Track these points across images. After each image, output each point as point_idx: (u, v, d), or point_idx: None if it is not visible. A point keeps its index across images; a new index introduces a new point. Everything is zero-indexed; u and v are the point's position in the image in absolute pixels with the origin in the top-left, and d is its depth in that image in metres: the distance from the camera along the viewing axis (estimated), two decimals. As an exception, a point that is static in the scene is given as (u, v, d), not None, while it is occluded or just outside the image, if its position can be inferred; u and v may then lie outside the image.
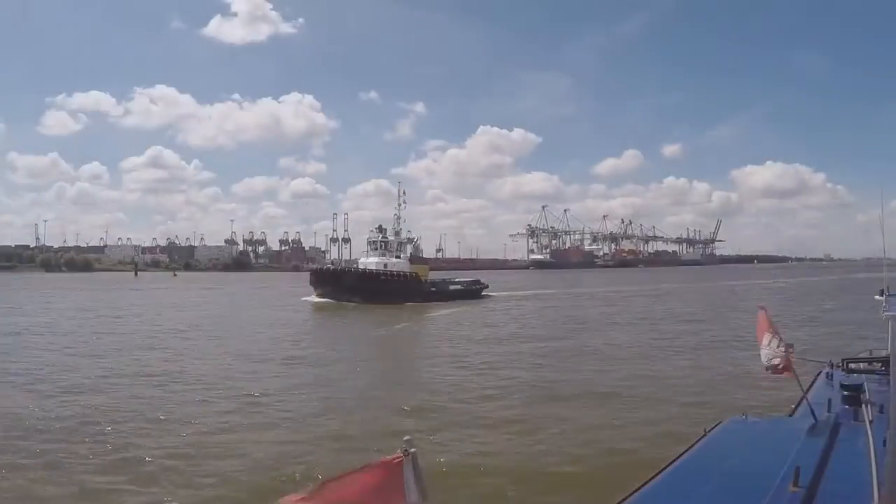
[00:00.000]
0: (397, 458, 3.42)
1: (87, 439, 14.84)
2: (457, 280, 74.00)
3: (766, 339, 6.69)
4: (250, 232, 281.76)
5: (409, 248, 67.26)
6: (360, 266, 66.14)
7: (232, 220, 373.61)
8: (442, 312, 52.14)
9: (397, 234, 67.85)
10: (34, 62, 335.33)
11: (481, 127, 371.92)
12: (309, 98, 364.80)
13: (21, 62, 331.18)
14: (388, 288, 61.80)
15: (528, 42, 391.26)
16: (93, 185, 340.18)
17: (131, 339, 34.87)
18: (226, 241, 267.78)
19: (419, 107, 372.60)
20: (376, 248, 66.71)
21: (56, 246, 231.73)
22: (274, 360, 27.53)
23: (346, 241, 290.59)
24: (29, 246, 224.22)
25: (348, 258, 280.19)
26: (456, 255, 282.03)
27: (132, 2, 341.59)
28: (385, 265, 64.47)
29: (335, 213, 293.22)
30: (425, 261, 68.65)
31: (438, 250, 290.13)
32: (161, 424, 16.30)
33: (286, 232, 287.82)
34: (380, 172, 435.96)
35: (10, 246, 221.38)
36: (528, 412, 17.57)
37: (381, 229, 67.82)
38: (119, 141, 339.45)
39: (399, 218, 68.70)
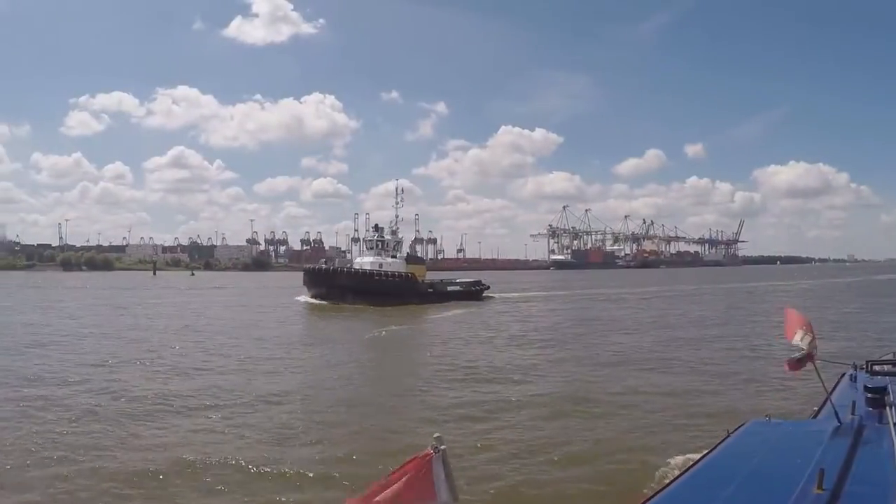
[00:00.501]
0: (427, 455, 3.42)
1: None
2: (456, 281, 70.78)
3: (798, 335, 6.23)
4: (272, 232, 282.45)
5: (405, 248, 64.03)
6: (356, 266, 63.32)
7: (252, 220, 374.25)
8: (436, 315, 49.33)
9: (394, 233, 64.87)
10: (57, 64, 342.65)
11: (503, 127, 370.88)
12: (330, 98, 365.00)
13: (44, 64, 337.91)
14: (383, 288, 59.11)
15: (549, 41, 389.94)
16: (116, 184, 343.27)
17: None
18: (247, 241, 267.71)
19: (440, 107, 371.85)
20: (372, 248, 64.10)
21: (79, 245, 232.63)
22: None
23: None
24: (50, 245, 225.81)
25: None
26: (476, 256, 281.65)
27: (154, 3, 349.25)
28: (380, 265, 61.75)
29: (356, 213, 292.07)
30: (422, 261, 65.32)
31: (459, 250, 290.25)
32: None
33: (307, 232, 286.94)
34: (401, 172, 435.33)
35: (31, 245, 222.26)
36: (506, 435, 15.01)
37: (377, 228, 65.08)
38: (142, 141, 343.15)
39: (398, 217, 66.18)
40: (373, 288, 58.76)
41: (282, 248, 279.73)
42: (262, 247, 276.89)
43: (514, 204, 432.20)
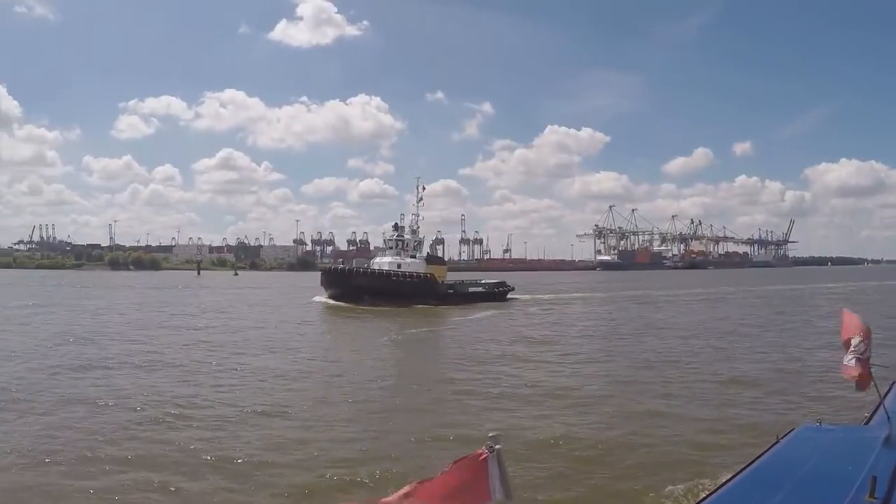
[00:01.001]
0: (482, 454, 3.38)
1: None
2: (478, 281, 67.87)
3: (854, 340, 6.01)
4: (318, 232, 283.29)
5: (425, 248, 61.58)
6: (375, 266, 61.00)
7: (297, 221, 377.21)
8: (457, 318, 46.86)
9: (414, 232, 62.21)
10: (107, 69, 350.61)
11: (549, 126, 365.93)
12: (376, 100, 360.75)
13: (94, 70, 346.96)
14: (401, 289, 56.86)
15: (594, 40, 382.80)
16: (165, 186, 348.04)
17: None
18: (294, 241, 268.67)
19: (486, 107, 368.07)
20: (391, 248, 61.69)
21: (128, 245, 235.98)
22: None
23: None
24: (100, 245, 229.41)
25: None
26: (522, 256, 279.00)
27: (200, 9, 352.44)
28: (399, 265, 59.29)
29: (402, 214, 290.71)
30: (442, 261, 62.76)
31: (506, 250, 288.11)
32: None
33: (354, 232, 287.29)
34: (448, 173, 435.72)
35: (80, 245, 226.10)
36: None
37: (397, 227, 62.56)
38: (190, 144, 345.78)
39: (419, 216, 63.42)
40: (390, 288, 56.70)
41: (328, 249, 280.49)
42: (309, 247, 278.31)
43: (561, 204, 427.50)
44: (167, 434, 15.01)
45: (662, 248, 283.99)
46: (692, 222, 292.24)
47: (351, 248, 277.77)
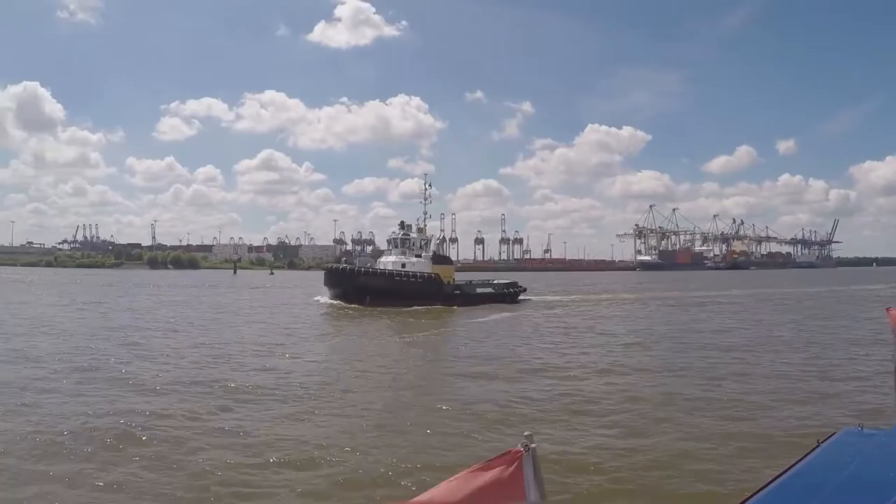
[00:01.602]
0: (517, 452, 3.39)
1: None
2: (488, 282, 64.43)
3: None
4: (358, 232, 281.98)
5: (432, 247, 58.77)
6: (380, 266, 58.45)
7: (335, 220, 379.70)
8: (462, 320, 44.20)
9: (420, 230, 59.65)
10: (148, 72, 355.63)
11: (589, 125, 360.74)
12: (416, 100, 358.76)
13: (136, 73, 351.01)
14: (404, 289, 54.06)
15: (634, 37, 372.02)
16: (208, 187, 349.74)
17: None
18: (334, 241, 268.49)
19: (526, 106, 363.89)
20: (396, 247, 59.07)
21: (170, 244, 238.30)
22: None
23: (454, 241, 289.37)
24: (140, 244, 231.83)
25: (455, 258, 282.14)
26: (562, 256, 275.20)
27: (239, 12, 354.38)
28: (403, 264, 56.61)
29: (442, 214, 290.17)
30: (449, 260, 59.82)
31: (546, 250, 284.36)
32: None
33: (394, 231, 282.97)
34: (488, 172, 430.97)
35: (121, 244, 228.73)
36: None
37: (402, 226, 59.86)
38: (232, 145, 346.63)
39: (426, 214, 61.16)
40: (393, 289, 54.02)
41: (368, 248, 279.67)
42: (349, 247, 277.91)
43: (602, 203, 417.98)
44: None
45: (704, 248, 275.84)
46: (734, 222, 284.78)
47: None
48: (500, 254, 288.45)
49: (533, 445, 3.35)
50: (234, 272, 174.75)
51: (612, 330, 38.52)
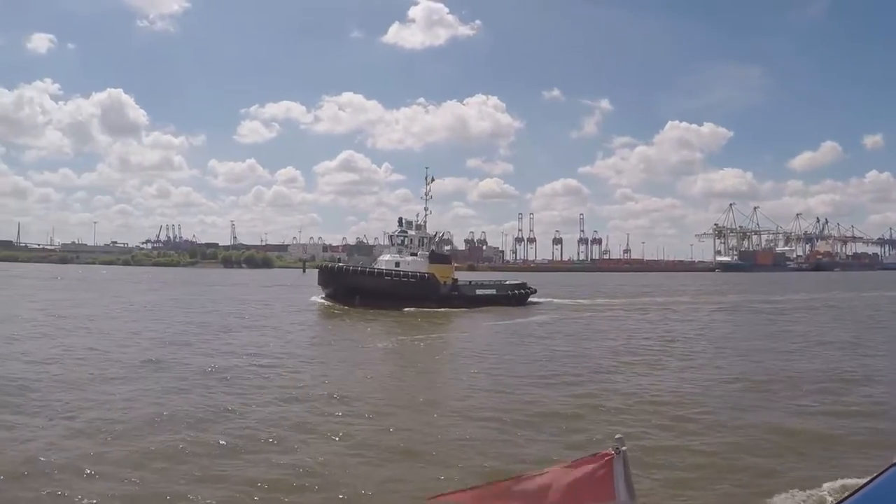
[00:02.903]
0: (608, 454, 3.42)
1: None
2: (491, 283, 58.59)
3: None
4: (437, 231, 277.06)
5: (429, 245, 53.51)
6: (379, 265, 53.88)
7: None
8: (443, 325, 39.55)
9: (419, 228, 54.70)
10: (229, 78, 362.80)
11: (669, 122, 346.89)
12: (493, 99, 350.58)
13: (215, 78, 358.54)
14: (396, 290, 49.45)
15: (714, 32, 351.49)
16: (288, 188, 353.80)
17: None
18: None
19: (604, 103, 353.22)
20: (393, 245, 54.58)
21: (250, 244, 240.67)
22: None
23: (531, 240, 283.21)
24: (217, 244, 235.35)
25: (532, 258, 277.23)
26: (640, 257, 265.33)
27: (313, 16, 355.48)
28: (397, 263, 51.97)
29: (520, 213, 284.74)
30: (447, 259, 54.30)
31: (626, 251, 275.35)
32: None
33: (472, 232, 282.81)
34: (567, 171, 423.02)
35: (200, 243, 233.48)
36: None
37: (401, 223, 55.08)
38: (311, 146, 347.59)
39: (427, 210, 56.01)
40: (383, 289, 49.53)
41: (446, 248, 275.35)
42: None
43: (683, 202, 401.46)
44: None
45: (786, 248, 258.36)
46: (818, 221, 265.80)
47: (468, 247, 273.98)
48: (578, 254, 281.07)
49: (624, 448, 3.41)
50: (304, 271, 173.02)
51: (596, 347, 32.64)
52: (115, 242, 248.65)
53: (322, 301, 53.18)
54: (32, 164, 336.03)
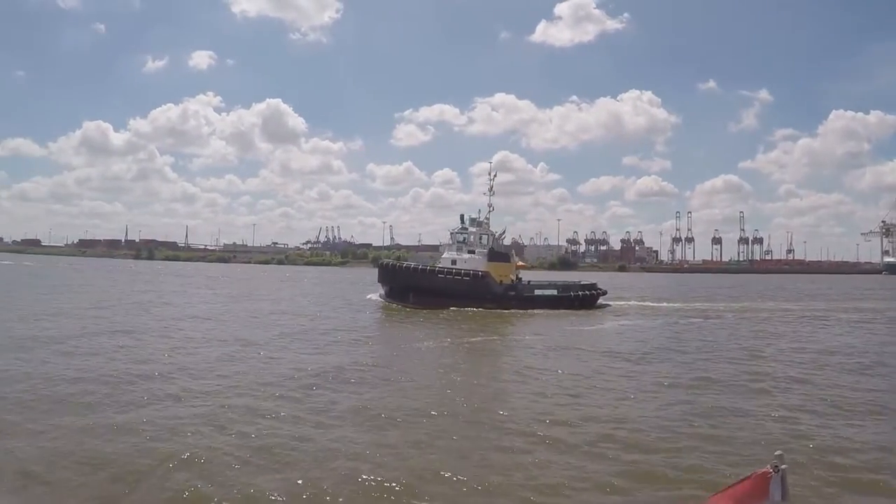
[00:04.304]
0: (766, 473, 3.36)
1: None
2: (555, 283, 53.70)
3: None
4: (592, 232, 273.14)
5: (488, 242, 50.09)
6: (440, 263, 51.28)
7: (559, 220, 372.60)
8: (481, 332, 35.41)
9: (479, 225, 51.35)
10: (382, 84, 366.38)
11: (833, 111, 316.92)
12: (647, 94, 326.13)
13: (370, 85, 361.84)
14: (448, 288, 47.05)
15: (880, 7, 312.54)
16: (445, 189, 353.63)
17: None
18: (567, 241, 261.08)
19: (763, 94, 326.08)
20: (454, 242, 51.60)
21: (408, 244, 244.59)
22: None
23: (689, 240, 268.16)
24: (370, 244, 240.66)
25: (690, 259, 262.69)
26: (802, 257, 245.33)
27: (460, 20, 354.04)
28: (453, 261, 49.41)
29: (678, 212, 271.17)
30: (506, 257, 50.36)
31: (789, 251, 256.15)
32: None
33: (628, 231, 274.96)
34: (727, 167, 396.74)
35: (355, 244, 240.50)
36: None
37: (462, 220, 52.09)
38: (465, 148, 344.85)
39: (490, 207, 52.57)
40: (435, 287, 47.23)
41: (602, 248, 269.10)
42: (583, 247, 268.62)
43: (851, 198, 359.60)
44: None
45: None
46: None
47: (624, 247, 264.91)
48: (738, 254, 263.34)
49: (783, 466, 3.36)
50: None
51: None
52: (276, 243, 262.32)
53: (377, 299, 52.04)
54: (199, 171, 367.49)
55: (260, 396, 16.89)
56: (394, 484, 10.75)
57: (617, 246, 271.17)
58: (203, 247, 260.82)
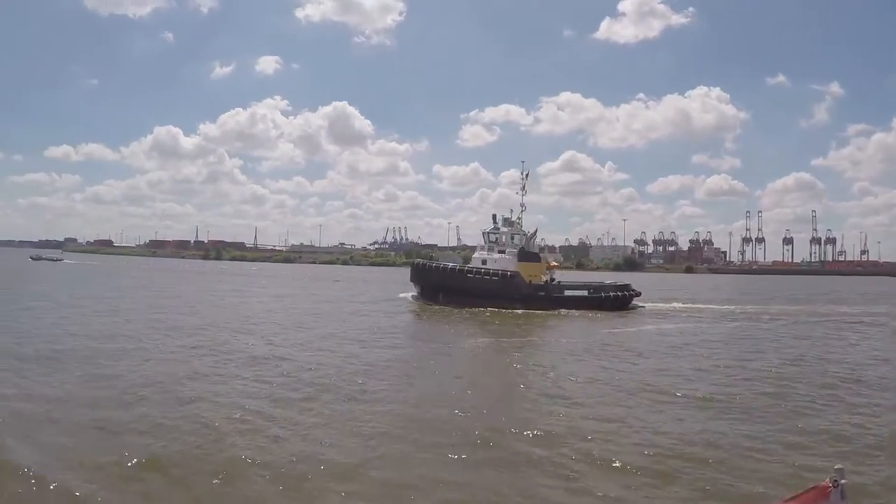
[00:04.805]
0: (826, 487, 3.24)
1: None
2: (586, 283, 51.96)
3: None
4: (660, 232, 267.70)
5: (520, 242, 48.43)
6: (473, 263, 50.37)
7: (625, 220, 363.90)
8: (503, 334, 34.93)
9: (511, 224, 49.97)
10: (446, 85, 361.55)
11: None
12: (716, 90, 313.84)
13: (435, 86, 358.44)
14: (476, 288, 46.15)
15: None
16: (512, 189, 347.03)
17: None
18: (634, 242, 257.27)
19: (834, 87, 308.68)
20: (485, 242, 50.36)
21: (473, 244, 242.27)
22: None
23: (760, 241, 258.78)
24: (436, 245, 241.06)
25: (760, 260, 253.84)
26: (877, 259, 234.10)
27: (524, 19, 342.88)
28: (484, 261, 48.36)
29: (748, 212, 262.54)
30: (536, 257, 48.56)
31: (863, 251, 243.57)
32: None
33: (697, 232, 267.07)
34: (799, 165, 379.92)
35: (419, 244, 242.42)
36: None
37: (495, 219, 50.81)
38: (532, 148, 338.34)
39: (522, 207, 51.10)
40: (464, 287, 46.42)
41: (670, 249, 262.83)
42: (650, 247, 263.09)
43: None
44: None
45: None
46: None
47: (692, 247, 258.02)
48: (810, 255, 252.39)
49: (843, 481, 3.20)
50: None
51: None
52: (343, 244, 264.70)
53: (408, 298, 51.68)
54: (268, 173, 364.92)
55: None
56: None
57: (685, 246, 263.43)
58: (271, 247, 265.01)
